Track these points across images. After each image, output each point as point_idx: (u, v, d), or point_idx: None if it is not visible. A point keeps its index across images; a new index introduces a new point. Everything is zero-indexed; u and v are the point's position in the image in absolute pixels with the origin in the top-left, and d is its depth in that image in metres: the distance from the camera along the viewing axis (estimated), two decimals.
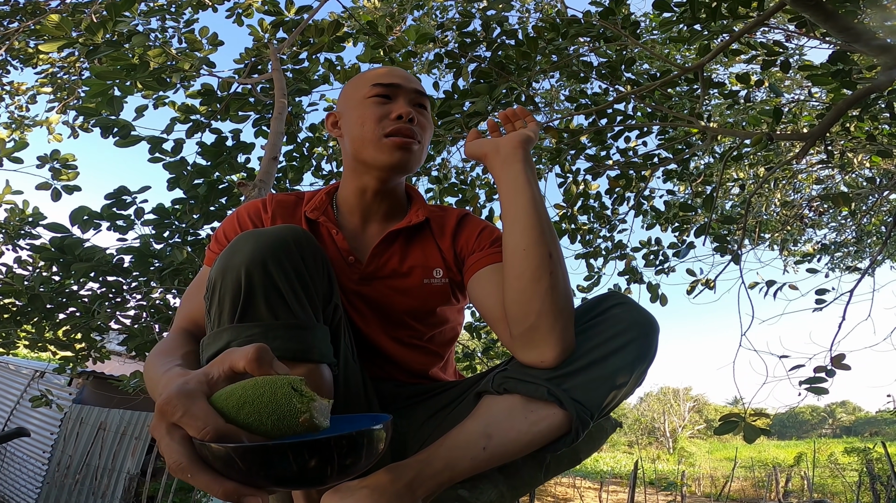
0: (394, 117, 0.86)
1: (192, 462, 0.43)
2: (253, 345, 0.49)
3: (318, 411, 0.46)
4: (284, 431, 0.44)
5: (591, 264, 3.46)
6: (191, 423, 0.43)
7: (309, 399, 0.45)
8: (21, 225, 2.84)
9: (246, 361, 0.48)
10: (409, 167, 0.88)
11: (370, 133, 0.86)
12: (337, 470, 0.43)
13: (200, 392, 0.46)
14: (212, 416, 0.44)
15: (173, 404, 0.44)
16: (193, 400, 0.44)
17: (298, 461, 0.41)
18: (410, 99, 0.90)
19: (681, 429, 29.35)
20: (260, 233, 0.67)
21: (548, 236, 0.73)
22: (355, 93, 0.91)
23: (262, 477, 0.42)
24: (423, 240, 0.91)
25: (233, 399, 0.45)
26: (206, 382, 0.48)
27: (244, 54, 2.83)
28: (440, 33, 3.03)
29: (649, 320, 0.72)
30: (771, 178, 4.18)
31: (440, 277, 0.89)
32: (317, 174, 3.22)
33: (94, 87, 2.13)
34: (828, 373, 2.09)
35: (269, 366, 0.48)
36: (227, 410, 0.45)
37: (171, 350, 0.70)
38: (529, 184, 0.76)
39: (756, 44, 2.52)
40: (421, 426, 0.84)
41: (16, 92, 4.09)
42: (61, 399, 6.21)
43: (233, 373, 0.49)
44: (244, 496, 0.43)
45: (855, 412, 37.18)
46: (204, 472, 0.43)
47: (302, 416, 0.44)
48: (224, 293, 0.65)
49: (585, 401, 0.69)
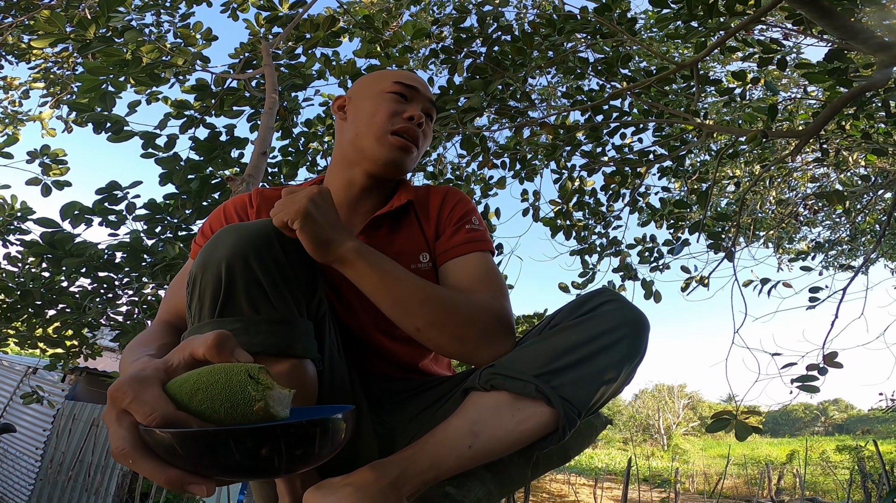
0: (406, 117, 0.88)
1: (136, 448, 0.42)
2: (214, 331, 0.48)
3: (276, 400, 0.44)
4: (238, 419, 0.43)
5: (585, 261, 3.46)
6: (138, 409, 0.42)
7: (265, 387, 0.44)
8: (10, 220, 2.81)
9: (205, 348, 0.47)
10: (403, 169, 0.89)
11: (379, 125, 0.87)
12: (286, 460, 0.41)
13: (155, 379, 0.45)
14: (161, 403, 0.42)
15: (123, 390, 0.43)
16: (145, 386, 0.43)
17: (241, 449, 0.40)
18: (423, 107, 0.93)
19: (675, 427, 29.51)
20: (241, 226, 0.66)
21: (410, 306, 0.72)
22: (375, 84, 0.92)
23: (205, 465, 0.41)
24: (408, 224, 0.90)
25: (186, 386, 0.44)
26: (163, 369, 0.47)
27: (239, 49, 2.81)
28: (436, 29, 3.01)
29: (640, 318, 0.72)
30: (766, 175, 4.19)
31: (426, 262, 0.88)
32: (312, 170, 3.20)
33: (86, 82, 2.10)
34: (820, 371, 2.09)
35: (230, 354, 0.47)
36: (180, 397, 0.43)
37: (147, 341, 0.68)
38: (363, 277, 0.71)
39: (753, 41, 2.52)
40: (409, 422, 0.83)
41: (9, 87, 4.05)
42: (54, 396, 6.18)
43: (193, 361, 0.48)
44: (188, 484, 0.41)
45: (847, 410, 37.47)
46: (147, 459, 0.42)
47: (256, 405, 0.43)
48: (204, 287, 0.64)
49: (573, 399, 0.68)
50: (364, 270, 0.71)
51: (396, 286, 0.71)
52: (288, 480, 0.73)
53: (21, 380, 6.69)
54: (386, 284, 0.71)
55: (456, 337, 0.73)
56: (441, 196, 0.94)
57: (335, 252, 0.69)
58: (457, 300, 0.74)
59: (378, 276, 0.71)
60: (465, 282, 0.82)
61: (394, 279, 0.71)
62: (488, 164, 3.15)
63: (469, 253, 0.85)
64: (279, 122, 2.95)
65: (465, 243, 0.86)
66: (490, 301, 0.77)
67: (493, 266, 0.86)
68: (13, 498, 5.97)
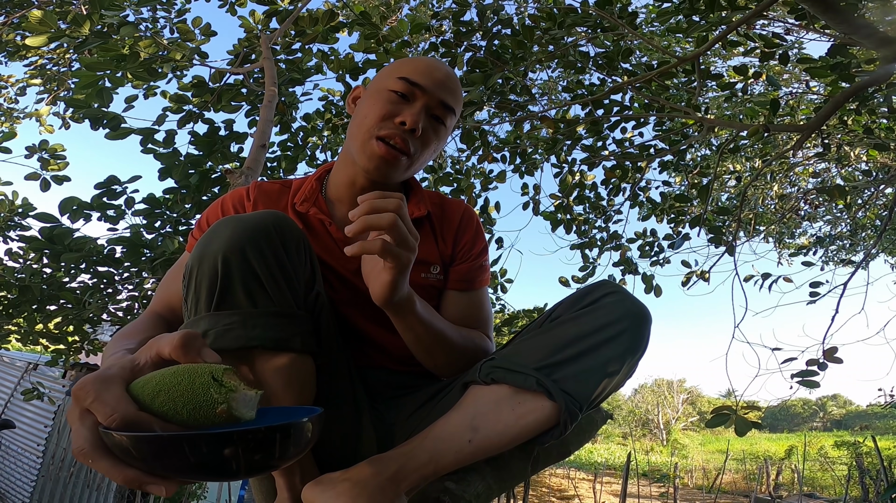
0: (397, 122, 0.79)
1: (95, 448, 0.42)
2: (180, 331, 0.47)
3: (240, 402, 0.44)
4: (201, 421, 0.43)
5: (586, 255, 3.46)
6: (99, 409, 0.42)
7: (228, 390, 0.43)
8: (10, 216, 2.80)
9: (171, 348, 0.46)
10: (389, 179, 0.83)
11: (366, 128, 0.80)
12: (245, 465, 0.41)
13: (119, 378, 0.44)
14: (122, 403, 0.42)
15: (87, 389, 0.42)
16: (107, 386, 0.43)
17: (196, 454, 0.40)
18: (430, 107, 0.82)
19: (674, 422, 29.59)
20: (239, 218, 0.65)
21: (436, 352, 0.81)
22: (381, 79, 0.84)
23: (160, 467, 0.41)
24: (423, 234, 0.89)
25: (149, 387, 0.44)
26: (130, 368, 0.46)
27: (237, 44, 2.79)
28: (435, 22, 2.99)
29: (642, 310, 0.71)
30: (767, 170, 4.18)
31: (436, 274, 0.88)
32: (311, 164, 3.20)
33: (83, 78, 2.09)
34: (820, 366, 2.09)
35: (196, 354, 0.47)
36: (143, 398, 0.43)
37: (131, 334, 0.67)
38: (411, 328, 0.76)
39: (755, 36, 2.50)
40: (409, 417, 0.83)
41: (5, 84, 4.03)
42: (54, 392, 6.18)
43: (160, 360, 0.47)
44: (146, 484, 0.42)
45: (846, 406, 37.52)
46: (105, 459, 0.42)
47: (219, 407, 0.43)
48: (201, 280, 0.63)
49: (575, 393, 0.68)
50: (413, 322, 0.75)
51: (434, 339, 0.78)
52: (287, 475, 0.72)
53: (21, 377, 6.70)
54: (428, 337, 0.78)
55: (454, 369, 0.83)
56: (459, 216, 0.93)
57: (402, 305, 0.72)
58: (467, 345, 0.84)
59: (423, 329, 0.76)
60: (467, 317, 0.90)
61: (435, 334, 0.78)
62: (488, 158, 3.13)
63: (477, 289, 0.92)
64: (278, 117, 2.93)
65: (476, 279, 0.92)
66: (485, 342, 0.89)
67: (489, 301, 0.96)
68: (16, 494, 5.98)
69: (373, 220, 0.61)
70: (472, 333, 0.87)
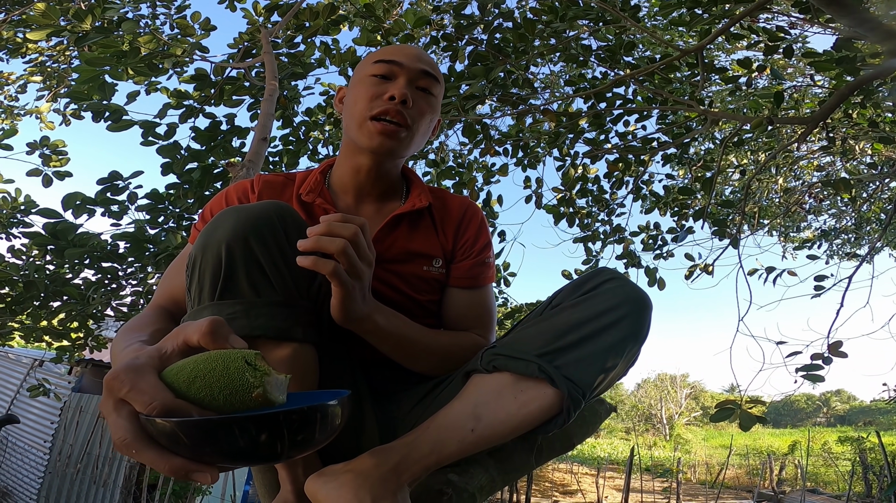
0: (386, 98, 0.82)
1: (138, 438, 0.41)
2: (207, 318, 0.47)
3: (273, 386, 0.44)
4: (237, 406, 0.43)
5: (589, 248, 3.45)
6: (137, 398, 0.41)
7: (262, 373, 0.44)
8: (13, 213, 2.81)
9: (200, 335, 0.46)
10: (395, 153, 0.85)
11: (359, 113, 0.84)
12: (288, 446, 0.42)
13: (150, 367, 0.44)
14: (160, 391, 0.42)
15: (120, 379, 0.42)
16: (141, 374, 0.43)
17: (245, 436, 0.40)
18: (412, 79, 0.85)
19: (677, 416, 29.59)
20: (241, 208, 0.65)
21: (418, 359, 0.82)
22: (360, 69, 0.88)
23: (208, 452, 0.41)
24: (425, 226, 0.90)
25: (184, 373, 0.44)
26: (157, 357, 0.46)
27: (237, 38, 2.79)
28: (437, 16, 2.98)
29: (642, 296, 0.71)
30: (771, 164, 4.15)
31: (438, 267, 0.88)
32: (313, 158, 3.19)
33: (84, 73, 2.09)
34: (824, 360, 2.08)
35: (224, 340, 0.46)
36: (178, 385, 0.43)
37: (140, 326, 0.67)
38: (378, 342, 0.77)
39: (759, 29, 2.48)
40: (411, 409, 0.83)
41: (5, 81, 4.03)
42: (60, 388, 6.22)
43: (187, 348, 0.47)
44: (192, 472, 0.41)
45: (850, 401, 37.43)
46: (150, 449, 0.41)
47: (255, 391, 0.43)
48: (204, 269, 0.63)
49: (577, 379, 0.67)
50: (377, 338, 0.75)
51: (409, 347, 0.79)
52: (289, 468, 0.72)
53: (27, 373, 6.73)
54: (401, 346, 0.78)
55: (440, 371, 0.83)
56: (462, 211, 0.93)
57: (359, 323, 0.72)
58: (456, 347, 0.84)
59: (394, 340, 0.77)
60: (468, 316, 0.90)
61: (408, 343, 0.78)
62: (490, 152, 3.12)
63: (480, 286, 0.91)
64: (279, 111, 2.93)
65: (479, 276, 0.91)
66: (481, 341, 0.88)
67: (492, 299, 0.95)
68: (23, 490, 6.03)
69: (324, 243, 0.62)
70: (461, 336, 0.87)
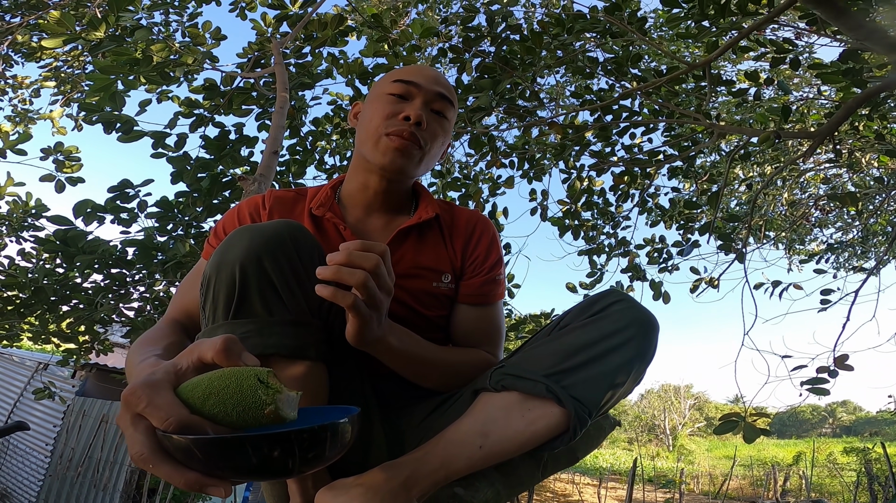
0: (401, 118, 0.84)
1: (154, 453, 0.43)
2: (221, 335, 0.48)
3: (285, 403, 0.45)
4: (250, 422, 0.44)
5: (594, 261, 3.45)
6: (154, 414, 0.43)
7: (275, 391, 0.45)
8: (24, 217, 2.84)
9: (214, 352, 0.47)
10: (406, 172, 0.86)
11: (374, 129, 0.85)
12: (299, 462, 0.43)
13: (166, 382, 0.46)
14: (175, 407, 0.43)
15: (138, 394, 0.43)
16: (158, 390, 0.44)
17: (257, 454, 0.41)
18: (428, 101, 0.87)
19: (681, 427, 29.34)
20: (255, 227, 0.66)
21: (429, 377, 0.83)
22: (377, 87, 0.90)
23: (222, 467, 0.42)
24: (433, 239, 0.90)
25: (198, 390, 0.45)
26: (173, 373, 0.47)
27: (247, 48, 2.82)
28: (444, 28, 3.01)
29: (649, 318, 0.72)
30: (778, 176, 4.15)
31: (447, 282, 0.89)
32: (320, 168, 3.22)
33: (97, 81, 2.12)
34: (830, 373, 2.07)
35: (238, 358, 0.48)
36: (193, 401, 0.45)
37: (154, 340, 0.69)
38: (391, 361, 0.77)
39: (765, 41, 2.49)
40: (420, 424, 0.83)
41: (19, 86, 4.08)
42: (64, 391, 6.24)
43: (201, 364, 0.48)
44: (206, 486, 0.43)
45: (855, 412, 37.01)
46: (165, 463, 0.43)
47: (267, 408, 0.44)
48: (218, 289, 0.65)
49: (584, 399, 0.68)
50: (390, 358, 0.76)
51: (419, 366, 0.80)
52: (300, 481, 0.73)
53: (32, 376, 6.76)
54: (412, 365, 0.79)
55: (450, 387, 0.84)
56: (472, 225, 0.93)
57: (373, 345, 0.72)
58: (464, 365, 0.85)
59: (406, 360, 0.77)
60: (477, 333, 0.91)
61: (419, 361, 0.79)
62: (496, 164, 3.14)
63: (490, 304, 0.91)
64: (288, 121, 2.96)
65: (489, 293, 0.91)
66: (490, 358, 0.89)
67: (502, 315, 0.95)
68: (23, 493, 6.03)
69: (345, 275, 0.60)
70: (469, 353, 0.87)
